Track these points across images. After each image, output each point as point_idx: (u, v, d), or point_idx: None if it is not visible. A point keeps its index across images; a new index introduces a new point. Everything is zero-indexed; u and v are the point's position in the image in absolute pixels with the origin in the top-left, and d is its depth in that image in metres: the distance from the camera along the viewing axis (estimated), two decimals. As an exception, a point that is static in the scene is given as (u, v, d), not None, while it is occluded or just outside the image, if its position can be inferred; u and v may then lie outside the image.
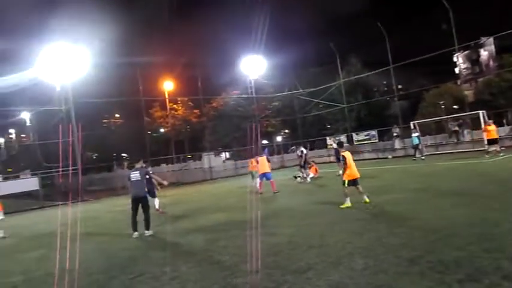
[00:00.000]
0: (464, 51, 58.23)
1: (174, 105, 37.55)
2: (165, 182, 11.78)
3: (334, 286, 4.49)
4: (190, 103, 38.50)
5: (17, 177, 34.95)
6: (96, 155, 56.75)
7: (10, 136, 64.21)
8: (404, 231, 6.64)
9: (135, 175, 9.71)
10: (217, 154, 36.40)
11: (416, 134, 24.49)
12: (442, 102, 34.92)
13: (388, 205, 9.51)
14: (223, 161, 35.65)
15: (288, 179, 20.38)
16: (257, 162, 16.70)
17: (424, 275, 4.47)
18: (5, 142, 60.14)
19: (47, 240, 10.95)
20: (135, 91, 31.74)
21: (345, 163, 10.18)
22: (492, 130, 19.36)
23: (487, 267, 4.45)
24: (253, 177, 18.46)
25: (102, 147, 51.57)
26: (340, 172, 19.09)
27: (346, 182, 10.08)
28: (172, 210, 13.63)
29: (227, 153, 39.41)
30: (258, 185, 16.33)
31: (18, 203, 24.11)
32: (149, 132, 40.81)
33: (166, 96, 34.83)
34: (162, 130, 42.14)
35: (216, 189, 21.20)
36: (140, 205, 9.55)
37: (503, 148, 23.76)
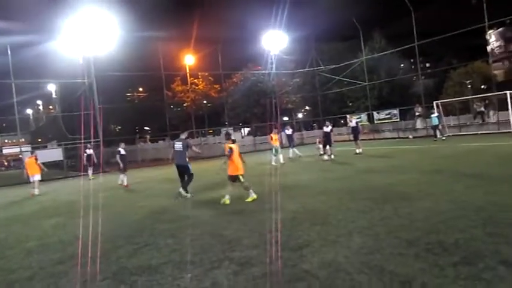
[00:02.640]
0: (498, 28, 55.74)
1: (195, 80, 37.57)
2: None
3: (327, 264, 4.51)
4: (210, 78, 38.45)
5: (45, 147, 36.14)
6: (119, 127, 57.84)
7: (38, 107, 65.87)
8: (410, 212, 6.56)
9: (178, 145, 10.71)
10: (237, 129, 36.53)
11: (436, 114, 23.90)
12: (469, 81, 33.71)
13: (399, 185, 9.41)
14: (242, 137, 35.81)
15: (306, 156, 20.35)
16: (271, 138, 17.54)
17: (419, 257, 4.43)
18: (33, 113, 61.83)
19: (65, 209, 11.41)
20: (157, 65, 31.95)
21: (230, 156, 9.28)
22: None
23: (485, 251, 4.38)
24: (276, 152, 18.04)
25: (125, 120, 52.42)
26: (357, 151, 19.13)
27: (240, 177, 9.37)
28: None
29: (246, 129, 39.49)
30: (278, 159, 17.25)
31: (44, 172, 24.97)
32: (171, 107, 41.18)
33: (187, 70, 34.88)
34: (183, 105, 42.43)
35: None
36: (182, 172, 10.71)
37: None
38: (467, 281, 3.70)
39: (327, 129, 18.61)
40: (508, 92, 23.68)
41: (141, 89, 65.06)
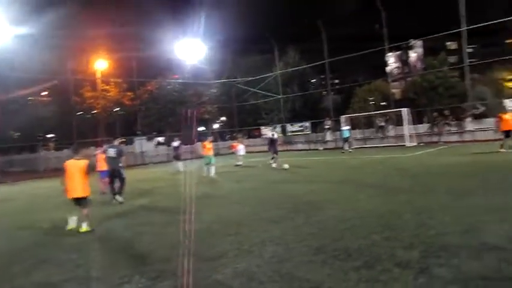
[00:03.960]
0: (397, 51, 61.64)
1: (106, 86, 35.61)
2: None
3: (240, 274, 4.55)
4: (124, 85, 36.75)
5: None
6: (18, 134, 52.74)
7: None
8: (319, 221, 6.90)
9: (112, 151, 11.17)
10: (150, 139, 35.41)
11: (347, 128, 25.57)
12: (371, 98, 36.65)
13: (310, 194, 9.84)
14: (156, 146, 34.86)
15: (221, 166, 20.37)
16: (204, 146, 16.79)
17: (326, 263, 4.66)
18: None
19: None
20: (65, 69, 29.92)
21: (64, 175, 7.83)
22: (509, 120, 16.44)
23: (383, 255, 4.75)
24: (210, 161, 16.66)
25: (26, 126, 47.88)
26: (270, 162, 19.68)
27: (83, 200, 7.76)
28: (92, 196, 13.05)
29: (160, 138, 38.47)
30: (211, 171, 16.17)
31: None
32: (81, 113, 38.60)
33: (98, 76, 33.01)
34: (92, 112, 39.94)
35: (145, 175, 20.68)
36: (114, 176, 11.07)
37: (422, 144, 25.61)
38: (367, 283, 3.98)
39: (274, 137, 19.60)
40: (403, 109, 26.25)
41: (45, 93, 60.12)
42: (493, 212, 6.37)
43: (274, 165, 17.99)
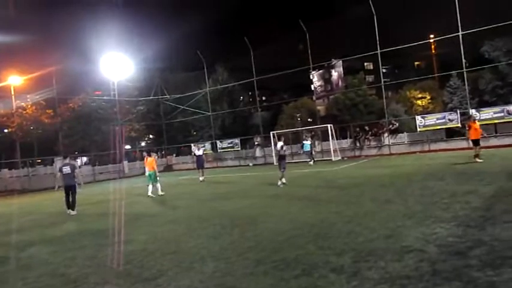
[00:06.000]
0: (319, 70, 65.32)
1: (22, 103, 33.09)
2: None
3: (184, 291, 4.58)
4: (42, 102, 34.43)
5: None
6: None
7: None
8: (255, 234, 7.09)
9: (66, 169, 12.22)
10: (73, 158, 33.51)
11: (309, 142, 25.95)
12: (298, 115, 38.26)
13: (244, 210, 10.05)
14: (80, 166, 33.06)
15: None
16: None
17: (267, 274, 4.85)
18: None
19: None
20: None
21: None
22: (478, 128, 16.30)
23: (318, 263, 5.06)
24: (150, 178, 15.55)
25: None
26: (201, 179, 19.66)
27: None
28: (14, 221, 12.12)
29: (85, 158, 36.58)
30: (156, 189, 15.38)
31: None
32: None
33: (12, 92, 30.60)
34: (5, 130, 36.82)
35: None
36: (70, 192, 12.22)
37: (346, 158, 27.12)
38: (307, 290, 4.24)
39: (199, 152, 20.72)
40: (329, 125, 27.73)
41: None
42: (410, 217, 7.04)
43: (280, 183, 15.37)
